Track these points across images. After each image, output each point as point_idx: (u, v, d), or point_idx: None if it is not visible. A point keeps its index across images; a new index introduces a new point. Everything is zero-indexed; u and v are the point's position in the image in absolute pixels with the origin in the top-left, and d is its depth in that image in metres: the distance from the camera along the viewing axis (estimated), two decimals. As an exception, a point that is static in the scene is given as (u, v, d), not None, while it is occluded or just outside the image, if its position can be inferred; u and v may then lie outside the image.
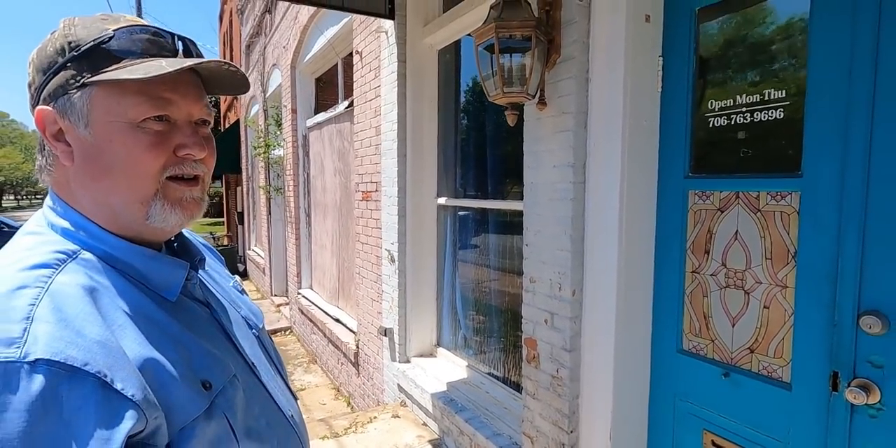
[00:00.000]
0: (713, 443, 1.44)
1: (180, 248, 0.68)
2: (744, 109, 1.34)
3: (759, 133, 1.31)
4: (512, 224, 2.45)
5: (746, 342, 1.36)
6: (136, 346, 0.51)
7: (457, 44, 2.74)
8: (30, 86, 0.58)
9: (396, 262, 2.89)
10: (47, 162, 0.59)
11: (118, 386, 0.46)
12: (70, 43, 0.55)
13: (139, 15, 13.89)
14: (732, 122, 1.37)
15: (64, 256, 0.53)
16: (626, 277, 1.53)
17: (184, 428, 0.51)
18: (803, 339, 1.23)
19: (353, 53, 3.39)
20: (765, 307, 1.31)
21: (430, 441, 2.49)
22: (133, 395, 0.46)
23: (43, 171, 0.60)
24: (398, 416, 2.77)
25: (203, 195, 0.63)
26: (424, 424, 2.67)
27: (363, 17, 3.11)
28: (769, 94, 1.28)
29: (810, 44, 1.19)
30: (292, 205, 5.53)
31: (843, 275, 1.14)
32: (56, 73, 0.55)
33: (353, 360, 3.71)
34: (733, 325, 1.39)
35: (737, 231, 1.37)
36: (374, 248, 3.21)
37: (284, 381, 0.74)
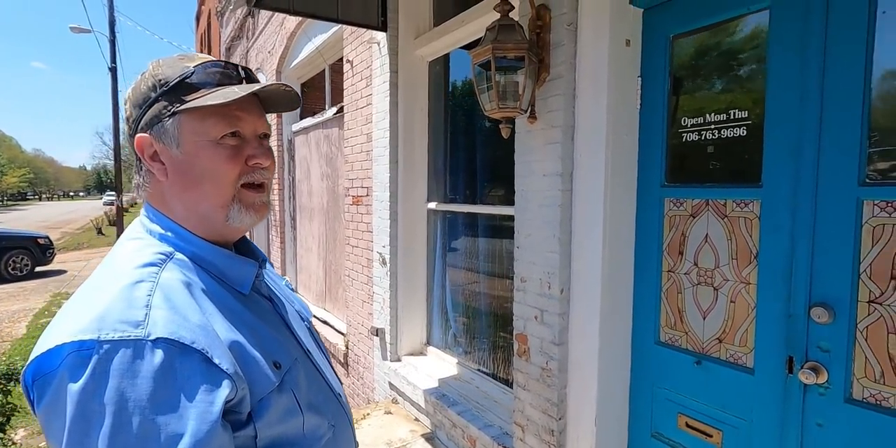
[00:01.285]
0: (687, 424, 1.61)
1: (246, 251, 0.80)
2: (712, 126, 1.51)
3: (726, 148, 1.49)
4: (498, 227, 2.59)
5: (716, 333, 1.53)
6: (224, 330, 0.62)
7: (446, 56, 2.88)
8: (127, 119, 0.70)
9: (388, 265, 3.00)
10: (144, 180, 0.71)
11: (216, 361, 0.57)
12: (160, 81, 0.67)
13: (111, 14, 13.60)
14: (703, 138, 1.54)
15: (164, 257, 0.65)
16: (609, 276, 1.69)
17: (262, 399, 0.62)
18: (764, 329, 1.40)
19: (344, 62, 3.49)
20: (731, 302, 1.48)
21: (422, 435, 2.61)
22: (227, 369, 0.57)
23: (140, 187, 0.71)
24: (390, 413, 2.88)
25: (268, 199, 0.74)
26: (416, 419, 2.78)
27: (354, 27, 3.22)
28: (734, 113, 1.46)
29: (768, 73, 1.37)
30: (277, 208, 5.57)
31: (797, 272, 1.32)
32: (150, 106, 0.67)
33: (342, 361, 3.79)
34: (704, 318, 1.56)
35: (707, 234, 1.54)
36: (365, 251, 3.31)
37: (330, 366, 0.85)
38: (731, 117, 1.46)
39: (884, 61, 1.17)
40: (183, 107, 0.65)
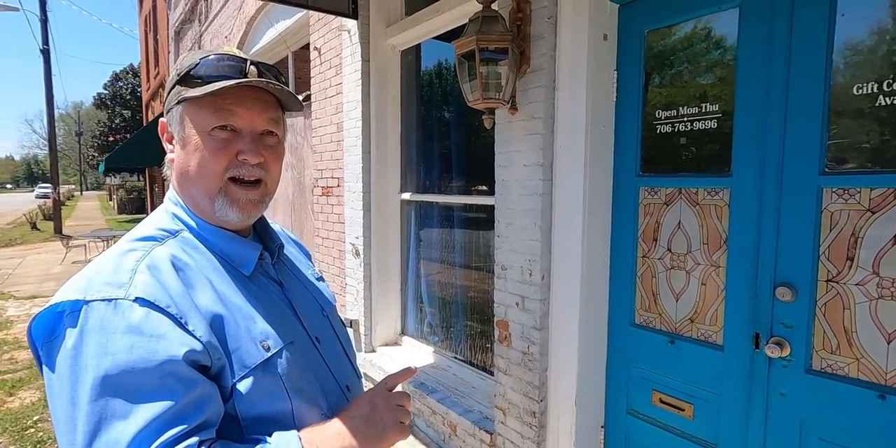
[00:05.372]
0: (661, 400, 1.71)
1: (265, 236, 0.83)
2: (685, 119, 1.59)
3: (698, 139, 1.57)
4: (473, 218, 2.63)
5: (688, 314, 1.63)
6: (209, 304, 0.66)
7: (418, 46, 2.86)
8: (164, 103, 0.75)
9: (361, 256, 2.99)
10: (167, 161, 0.76)
11: (189, 327, 0.61)
12: (177, 70, 0.71)
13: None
14: (676, 129, 1.62)
15: (167, 233, 0.71)
16: (587, 263, 1.76)
17: (244, 375, 0.65)
18: (732, 308, 1.50)
19: (311, 49, 3.40)
20: (702, 284, 1.58)
21: (401, 423, 2.63)
22: (201, 337, 0.62)
23: (167, 167, 0.76)
24: (367, 404, 2.88)
25: (262, 198, 0.75)
26: (394, 409, 2.80)
27: (321, 13, 3.14)
28: (705, 107, 1.54)
29: (737, 69, 1.46)
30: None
31: (763, 255, 1.42)
32: (169, 92, 0.73)
33: (312, 354, 3.75)
34: (677, 300, 1.65)
35: (679, 221, 1.63)
36: (337, 243, 3.27)
37: (349, 358, 0.85)
38: (703, 110, 1.55)
39: (842, 59, 1.27)
40: (182, 96, 0.69)
